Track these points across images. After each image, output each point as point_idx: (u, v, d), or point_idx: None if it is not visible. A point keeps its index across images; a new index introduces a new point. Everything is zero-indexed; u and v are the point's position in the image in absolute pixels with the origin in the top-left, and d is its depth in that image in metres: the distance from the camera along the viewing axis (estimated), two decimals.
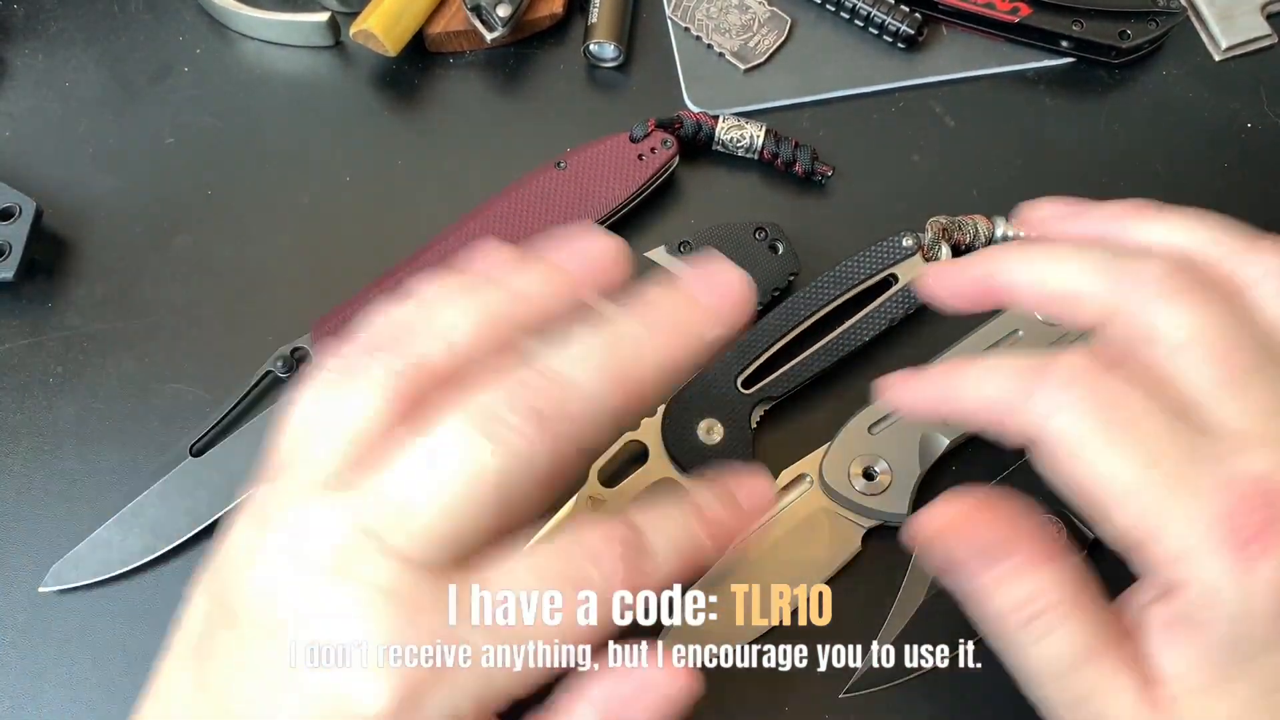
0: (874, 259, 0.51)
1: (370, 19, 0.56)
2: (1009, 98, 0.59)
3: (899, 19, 0.58)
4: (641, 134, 0.54)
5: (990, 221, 0.53)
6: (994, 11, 0.58)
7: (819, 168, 0.55)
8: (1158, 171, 0.57)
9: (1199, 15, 0.61)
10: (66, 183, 0.56)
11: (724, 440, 0.48)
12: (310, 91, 0.59)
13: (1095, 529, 0.38)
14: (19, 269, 0.51)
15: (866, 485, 0.47)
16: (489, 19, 0.57)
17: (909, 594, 0.46)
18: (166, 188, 0.56)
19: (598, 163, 0.53)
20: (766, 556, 0.47)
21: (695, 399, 0.48)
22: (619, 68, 0.60)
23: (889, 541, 0.48)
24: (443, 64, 0.60)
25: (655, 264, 0.50)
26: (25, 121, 0.58)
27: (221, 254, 0.55)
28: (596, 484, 0.47)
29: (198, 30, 0.61)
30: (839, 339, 0.50)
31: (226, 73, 0.60)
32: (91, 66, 0.60)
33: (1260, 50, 0.60)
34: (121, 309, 0.53)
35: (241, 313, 0.53)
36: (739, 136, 0.55)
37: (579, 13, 0.61)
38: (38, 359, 0.52)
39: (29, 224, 0.52)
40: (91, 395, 0.51)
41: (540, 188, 0.53)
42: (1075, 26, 0.58)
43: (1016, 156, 0.57)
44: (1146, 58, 0.60)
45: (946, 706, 0.45)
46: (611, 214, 0.53)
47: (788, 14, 0.60)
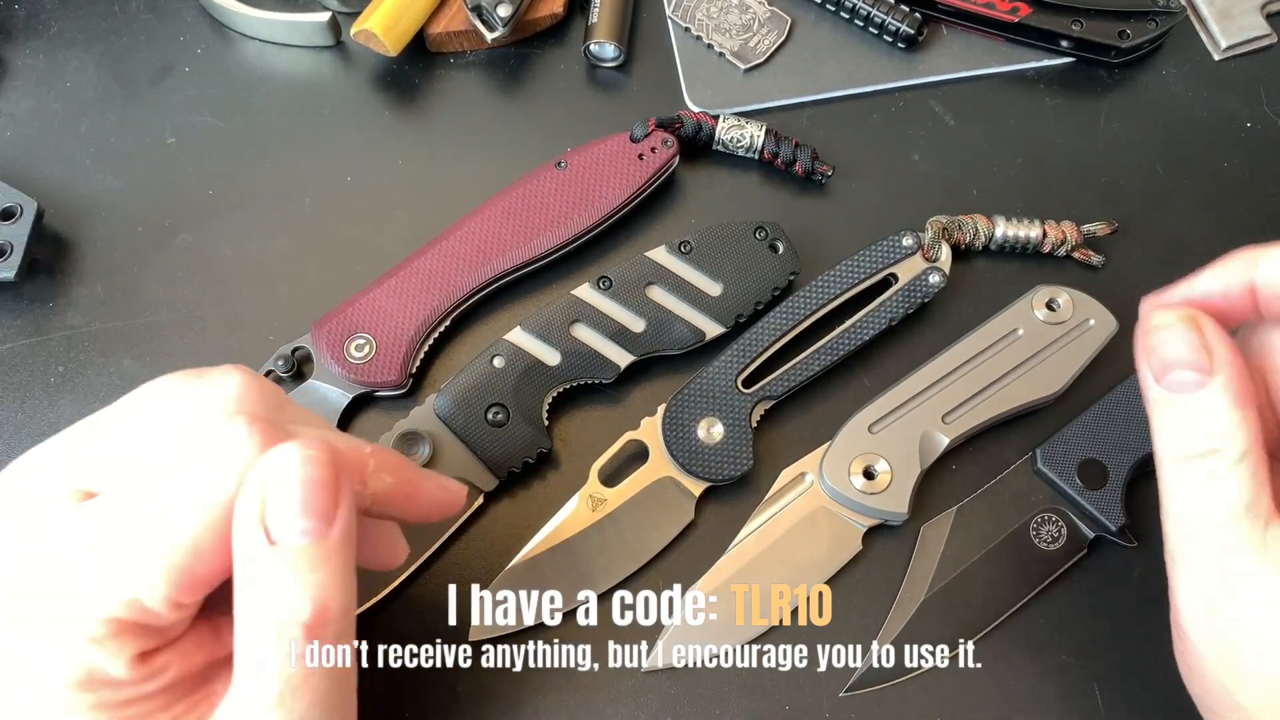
0: (874, 258, 0.51)
1: (371, 19, 0.56)
2: (1009, 97, 0.59)
3: (899, 19, 0.58)
4: (642, 134, 0.54)
5: (990, 221, 0.53)
6: (994, 11, 0.58)
7: (819, 167, 0.55)
8: (1158, 171, 0.57)
9: (1199, 15, 0.61)
10: (68, 182, 0.56)
11: (724, 439, 0.48)
12: (311, 91, 0.60)
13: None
14: (20, 268, 0.51)
15: (866, 484, 0.47)
16: (489, 19, 0.57)
17: (909, 593, 0.46)
18: (167, 187, 0.57)
19: (598, 163, 0.53)
20: (767, 556, 0.47)
21: (695, 398, 0.48)
22: (619, 68, 0.60)
23: (889, 541, 0.48)
24: (443, 64, 0.60)
25: (656, 263, 0.50)
26: (26, 121, 0.58)
27: (222, 254, 0.55)
28: (597, 483, 0.48)
29: (198, 30, 0.61)
30: (839, 338, 0.50)
31: (227, 73, 0.60)
32: (92, 66, 0.60)
33: (1260, 50, 0.60)
34: (122, 308, 0.53)
35: (242, 312, 0.53)
36: (739, 136, 0.55)
37: (579, 13, 0.61)
38: (39, 358, 0.52)
39: (30, 224, 0.52)
40: (93, 394, 0.51)
41: (540, 188, 0.53)
42: (1075, 26, 0.58)
43: (1016, 156, 0.57)
44: (1146, 57, 0.60)
45: (946, 706, 0.45)
46: (611, 214, 0.53)
47: (788, 14, 0.60)
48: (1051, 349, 0.49)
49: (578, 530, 0.47)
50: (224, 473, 0.30)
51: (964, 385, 0.48)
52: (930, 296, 0.51)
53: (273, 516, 0.30)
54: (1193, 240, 0.55)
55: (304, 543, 0.30)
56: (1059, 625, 0.46)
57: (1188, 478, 0.34)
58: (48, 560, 0.31)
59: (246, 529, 0.30)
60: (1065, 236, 0.53)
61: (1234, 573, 0.33)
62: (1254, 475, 0.33)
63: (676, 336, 0.50)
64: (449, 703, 0.45)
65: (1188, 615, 0.35)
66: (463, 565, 0.47)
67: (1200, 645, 0.35)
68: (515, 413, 0.48)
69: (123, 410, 0.34)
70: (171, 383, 0.34)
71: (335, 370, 0.49)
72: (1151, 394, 0.35)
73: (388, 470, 0.35)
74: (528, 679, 0.45)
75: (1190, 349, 0.34)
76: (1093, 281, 0.53)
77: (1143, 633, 0.46)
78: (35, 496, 0.33)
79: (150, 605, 0.30)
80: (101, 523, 0.31)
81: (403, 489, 0.35)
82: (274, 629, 0.30)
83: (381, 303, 0.50)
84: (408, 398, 0.51)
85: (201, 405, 0.33)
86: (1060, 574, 0.47)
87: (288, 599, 0.30)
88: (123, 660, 0.31)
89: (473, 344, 0.53)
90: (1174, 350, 0.34)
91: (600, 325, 0.49)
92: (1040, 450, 0.48)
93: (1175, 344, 0.34)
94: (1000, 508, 0.48)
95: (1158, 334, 0.34)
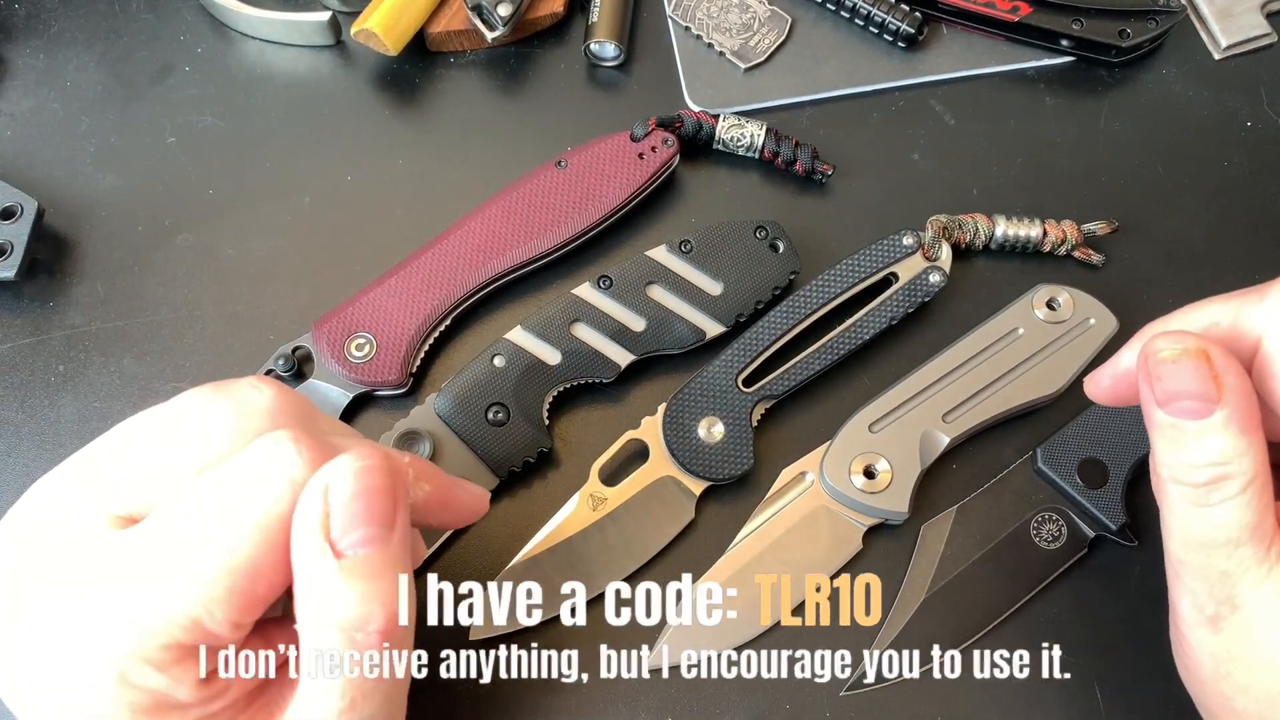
0: (874, 257, 0.51)
1: (371, 18, 0.56)
2: (1009, 97, 0.59)
3: (899, 18, 0.58)
4: (642, 133, 0.54)
5: (990, 220, 0.53)
6: (994, 10, 0.58)
7: (819, 166, 0.55)
8: (1158, 171, 0.57)
9: (1199, 14, 0.61)
10: (68, 182, 0.56)
11: (724, 438, 0.48)
12: (311, 91, 0.60)
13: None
14: (20, 268, 0.51)
15: (867, 483, 0.47)
16: (490, 18, 0.57)
17: (909, 593, 0.46)
18: (168, 187, 0.57)
19: (598, 162, 0.53)
20: (767, 555, 0.47)
21: (696, 397, 0.48)
22: (619, 67, 0.60)
23: (889, 540, 0.48)
24: (443, 63, 0.60)
25: (657, 263, 0.50)
26: (27, 121, 0.58)
27: (222, 253, 0.55)
28: (598, 482, 0.48)
29: (199, 30, 0.61)
30: (839, 337, 0.50)
31: (227, 72, 0.60)
32: (93, 66, 0.60)
33: (1260, 49, 0.60)
34: (123, 308, 0.53)
35: (242, 312, 0.53)
36: (739, 135, 0.55)
37: (580, 12, 0.61)
38: (39, 358, 0.52)
39: (30, 223, 0.52)
40: (93, 394, 0.51)
41: (540, 187, 0.53)
42: (1075, 25, 0.58)
43: (1016, 155, 0.57)
44: (1146, 57, 0.60)
45: (946, 705, 0.45)
46: (612, 213, 0.53)
47: (788, 13, 0.60)
48: (1052, 348, 0.49)
49: (578, 529, 0.47)
50: (276, 489, 0.30)
51: (964, 384, 0.48)
52: (930, 296, 0.51)
53: (336, 527, 0.30)
54: (1193, 239, 0.55)
55: (367, 551, 0.30)
56: (1059, 625, 0.46)
57: (1191, 499, 0.33)
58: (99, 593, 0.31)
59: (309, 541, 0.30)
60: (1065, 236, 0.53)
61: (1237, 590, 0.33)
62: (1259, 499, 0.33)
63: (677, 336, 0.50)
64: (448, 702, 0.45)
65: (1188, 624, 0.35)
66: (463, 565, 0.47)
67: (1200, 653, 0.35)
68: (515, 412, 0.48)
69: (151, 427, 0.34)
70: (201, 398, 0.34)
71: (335, 369, 0.49)
72: (1155, 417, 0.34)
73: (425, 479, 0.35)
74: (528, 679, 0.45)
75: (1198, 380, 0.33)
76: (1093, 281, 0.53)
77: (1143, 632, 0.46)
78: (71, 527, 0.32)
79: (211, 628, 0.30)
80: (154, 549, 0.31)
81: (439, 497, 0.36)
82: (341, 638, 0.30)
83: (382, 302, 0.50)
84: (408, 397, 0.51)
85: (238, 421, 0.33)
86: (1060, 573, 0.47)
87: (355, 607, 0.30)
88: (187, 684, 0.31)
89: (473, 343, 0.53)
90: (1182, 382, 0.33)
91: (600, 324, 0.49)
92: (1040, 449, 0.48)
93: (1183, 376, 0.33)
94: (1000, 507, 0.48)
95: (1165, 366, 0.34)
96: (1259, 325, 0.34)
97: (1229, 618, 0.34)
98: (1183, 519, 0.34)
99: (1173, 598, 0.36)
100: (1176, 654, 0.38)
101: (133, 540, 0.31)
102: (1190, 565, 0.34)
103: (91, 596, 0.31)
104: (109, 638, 0.30)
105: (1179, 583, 0.35)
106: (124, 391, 0.52)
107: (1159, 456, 0.34)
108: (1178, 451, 0.33)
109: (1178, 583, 0.35)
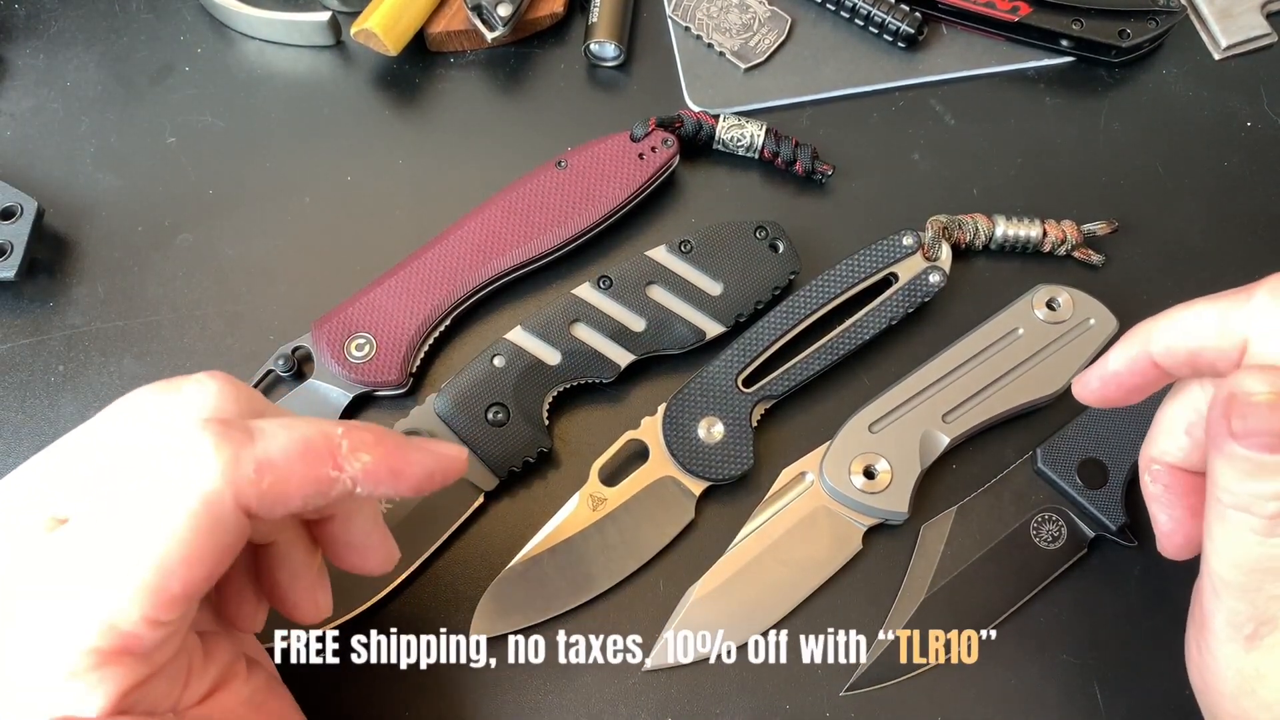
0: (874, 258, 0.51)
1: (371, 18, 0.56)
2: (1009, 97, 0.59)
3: (899, 18, 0.58)
4: (642, 133, 0.54)
5: (990, 220, 0.53)
6: (994, 11, 0.58)
7: (819, 167, 0.55)
8: (1158, 171, 0.57)
9: (1199, 14, 0.61)
10: (68, 182, 0.56)
11: (724, 439, 0.48)
12: (311, 91, 0.60)
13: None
14: (20, 268, 0.51)
15: (867, 483, 0.47)
16: (490, 18, 0.57)
17: (909, 593, 0.46)
18: (167, 187, 0.57)
19: (598, 162, 0.53)
20: (767, 555, 0.47)
21: (696, 397, 0.48)
22: (619, 67, 0.60)
23: (889, 540, 0.48)
24: (443, 64, 0.60)
25: (657, 263, 0.50)
26: (26, 121, 0.58)
27: (222, 253, 0.55)
28: (597, 483, 0.48)
29: (199, 30, 0.61)
30: (839, 337, 0.50)
31: (227, 72, 0.60)
32: (93, 66, 0.60)
33: (1260, 49, 0.60)
34: (123, 308, 0.53)
35: (242, 312, 0.53)
36: (739, 135, 0.55)
37: (579, 12, 0.61)
38: (39, 358, 0.52)
39: (30, 223, 0.52)
40: (93, 394, 0.51)
41: (540, 187, 0.53)
42: (1075, 25, 0.58)
43: (1016, 155, 0.57)
44: (1146, 57, 0.60)
45: (946, 705, 0.45)
46: (612, 213, 0.53)
47: (788, 13, 0.60)
48: (1052, 348, 0.49)
49: (578, 530, 0.47)
50: (185, 484, 0.29)
51: (964, 385, 0.48)
52: (930, 296, 0.51)
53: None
54: (1193, 240, 0.55)
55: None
56: (1059, 625, 0.46)
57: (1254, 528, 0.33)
58: (24, 595, 0.31)
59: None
60: (1065, 236, 0.53)
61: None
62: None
63: (677, 336, 0.50)
64: (447, 700, 0.45)
65: (1219, 639, 0.35)
66: (463, 565, 0.47)
67: (1226, 669, 0.36)
68: (515, 412, 0.48)
69: (93, 429, 0.34)
70: (141, 397, 0.34)
71: (335, 370, 0.49)
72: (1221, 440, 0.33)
73: (364, 449, 0.33)
74: (527, 676, 0.45)
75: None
76: (1093, 281, 0.53)
77: (1143, 632, 0.46)
78: (10, 529, 0.32)
79: (126, 628, 0.29)
80: (70, 549, 0.30)
81: (385, 464, 0.33)
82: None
83: (382, 302, 0.50)
84: (408, 397, 0.51)
85: (170, 417, 0.33)
86: (1060, 573, 0.47)
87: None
88: (102, 693, 0.30)
89: (473, 343, 0.53)
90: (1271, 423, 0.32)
91: (600, 325, 0.49)
92: (1040, 450, 0.48)
93: (1271, 418, 0.33)
94: (1000, 507, 0.48)
95: (1257, 409, 0.33)
96: (1245, 327, 0.34)
97: (1268, 637, 0.34)
98: (1242, 544, 0.34)
99: (1205, 613, 0.36)
100: (1194, 665, 0.38)
101: (53, 541, 0.31)
102: (1237, 586, 0.34)
103: (13, 598, 0.31)
104: (29, 642, 0.30)
105: (1218, 600, 0.35)
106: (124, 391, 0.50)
107: (1222, 483, 0.34)
108: (1248, 483, 0.33)
109: (1216, 600, 0.35)
